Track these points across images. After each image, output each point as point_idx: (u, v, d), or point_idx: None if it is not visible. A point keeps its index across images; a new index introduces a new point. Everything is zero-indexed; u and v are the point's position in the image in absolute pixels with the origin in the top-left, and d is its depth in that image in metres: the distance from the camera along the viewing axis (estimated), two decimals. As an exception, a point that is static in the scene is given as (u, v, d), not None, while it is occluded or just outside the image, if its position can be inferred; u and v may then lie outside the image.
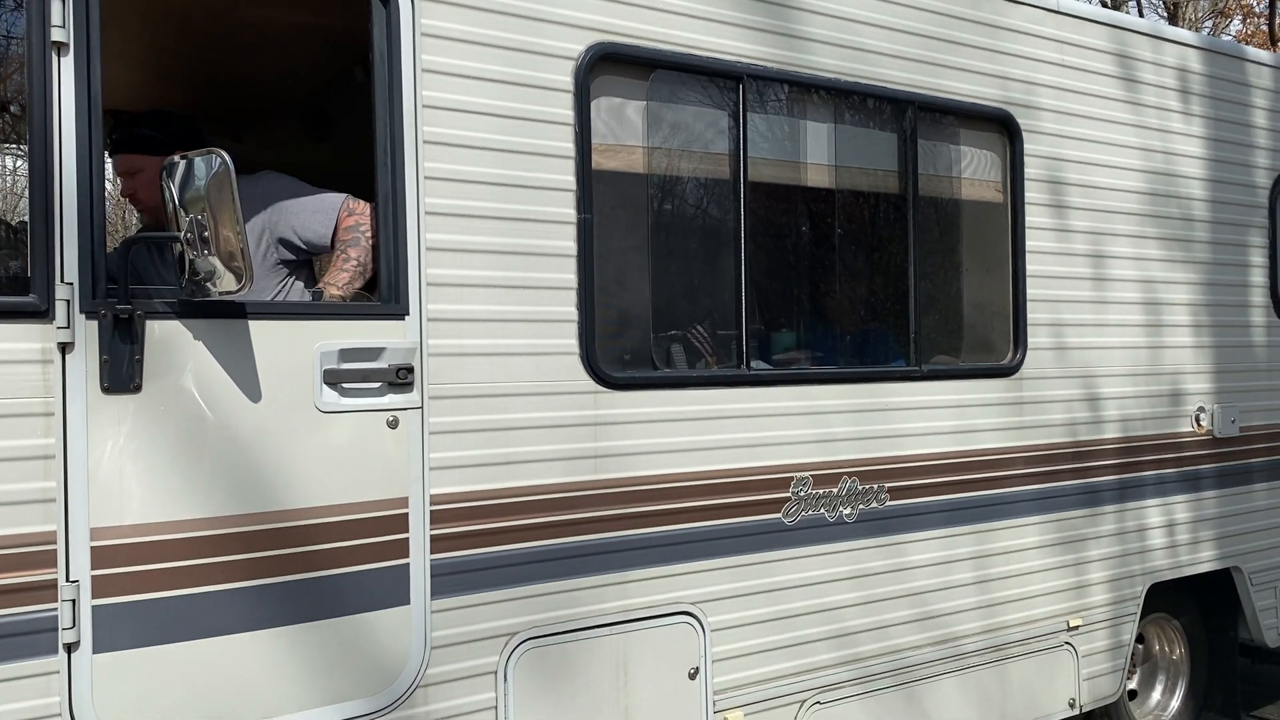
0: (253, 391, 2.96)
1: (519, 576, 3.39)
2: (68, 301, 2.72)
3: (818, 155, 4.13)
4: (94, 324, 2.76)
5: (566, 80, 3.49)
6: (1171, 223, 5.16)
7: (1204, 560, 5.30)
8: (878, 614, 4.17)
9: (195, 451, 2.89)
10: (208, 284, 2.76)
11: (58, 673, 2.72)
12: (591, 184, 3.52)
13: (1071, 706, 4.79)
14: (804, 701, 3.97)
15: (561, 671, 3.47)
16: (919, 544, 4.28)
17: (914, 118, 4.28)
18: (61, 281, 2.72)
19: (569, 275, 3.49)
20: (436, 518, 3.24)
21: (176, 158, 2.77)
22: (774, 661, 3.90)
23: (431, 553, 3.23)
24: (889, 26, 4.21)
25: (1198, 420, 5.26)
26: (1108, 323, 4.90)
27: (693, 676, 3.72)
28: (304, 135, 4.92)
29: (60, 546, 2.72)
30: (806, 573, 3.98)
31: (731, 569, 3.81)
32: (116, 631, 2.78)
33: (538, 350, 3.44)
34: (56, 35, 2.71)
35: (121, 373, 2.78)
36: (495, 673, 3.35)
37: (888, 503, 4.18)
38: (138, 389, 2.81)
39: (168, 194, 2.79)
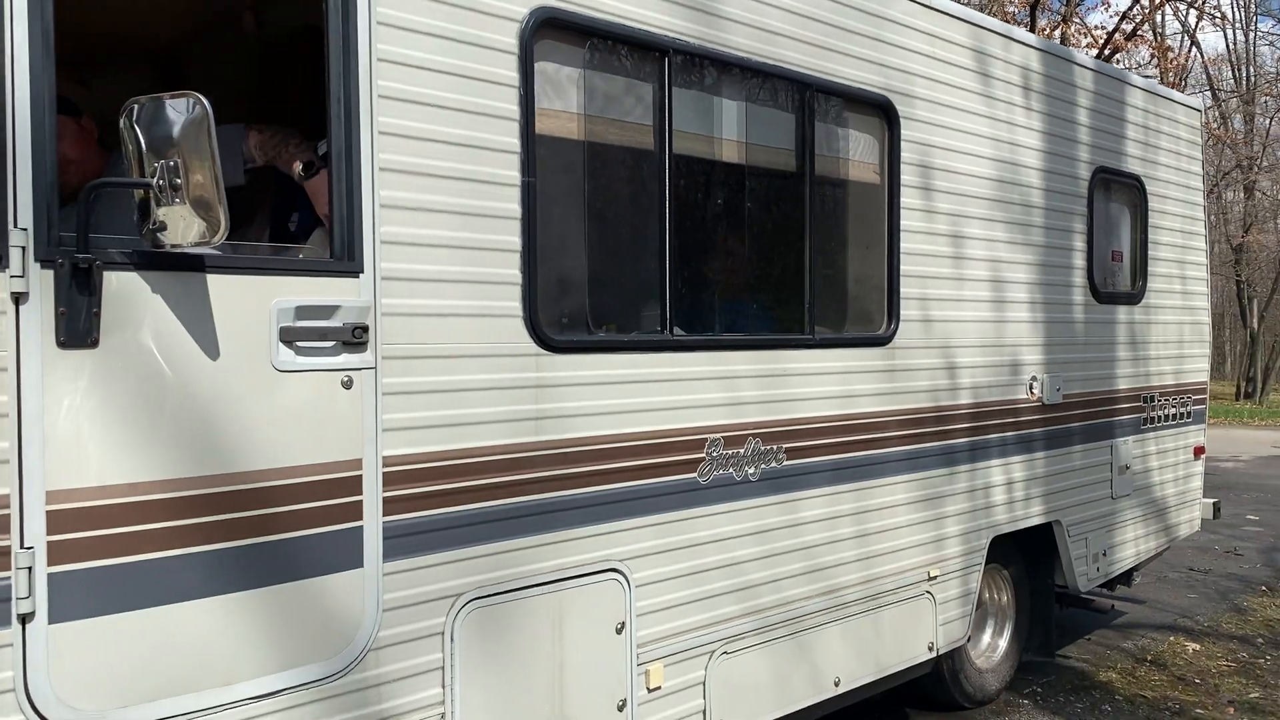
0: (211, 348, 2.84)
1: (465, 538, 3.40)
2: (23, 249, 2.52)
3: (730, 132, 4.29)
4: (49, 273, 2.58)
5: (511, 42, 3.49)
6: (1013, 209, 5.64)
7: (1034, 515, 5.85)
8: (775, 567, 4.40)
9: (153, 411, 2.75)
10: (173, 234, 2.62)
11: (11, 645, 2.54)
12: (535, 147, 3.54)
13: (930, 650, 5.21)
14: (713, 652, 4.16)
15: (503, 631, 3.51)
16: (810, 501, 4.54)
17: (811, 100, 4.50)
18: (15, 227, 2.53)
19: (514, 238, 3.50)
20: (389, 480, 3.20)
21: (143, 99, 2.61)
22: (689, 615, 4.07)
23: (384, 515, 3.19)
24: (793, 10, 4.41)
25: (1030, 388, 5.79)
26: (963, 298, 5.32)
27: (619, 631, 3.83)
28: (157, 85, 4.64)
29: (14, 511, 2.54)
30: (717, 529, 4.16)
31: (654, 527, 3.94)
32: (73, 600, 2.61)
33: (484, 312, 3.44)
34: None
35: (79, 326, 2.61)
36: (442, 634, 3.35)
37: (785, 462, 4.42)
38: (95, 344, 2.64)
39: (128, 136, 2.63)
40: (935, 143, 5.12)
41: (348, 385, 3.11)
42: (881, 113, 4.87)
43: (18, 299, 2.53)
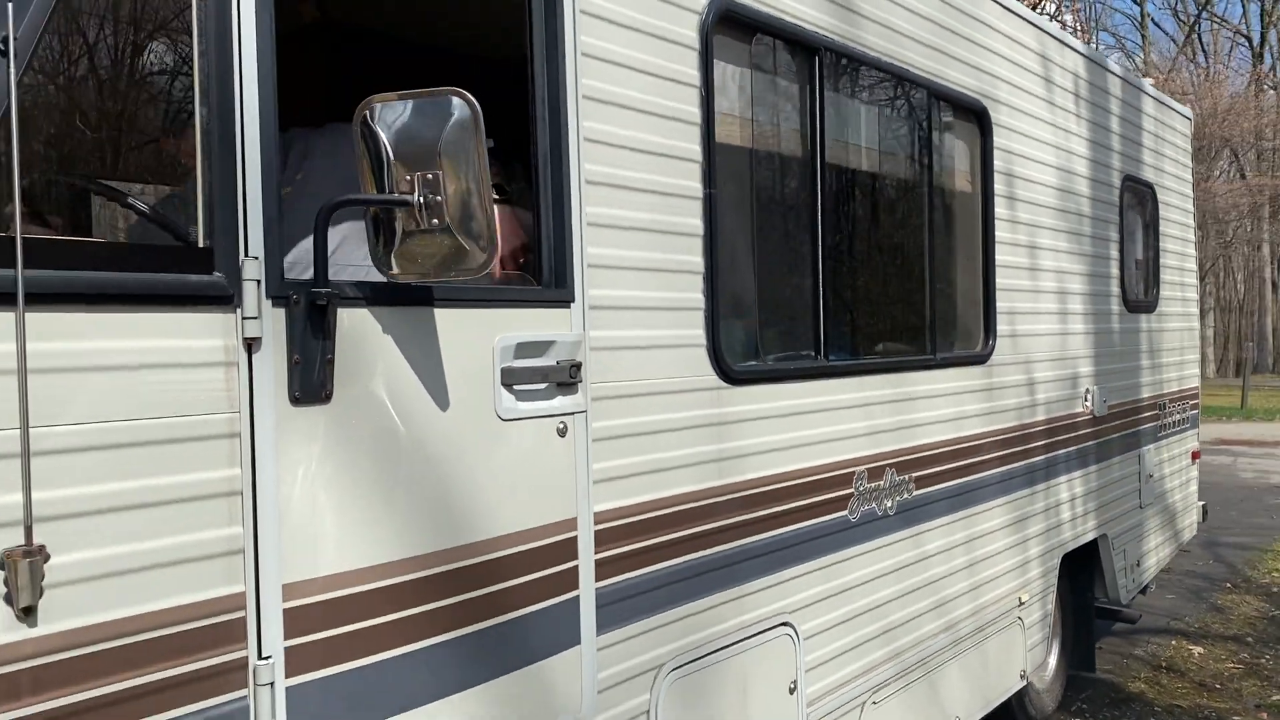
0: (441, 397, 2.36)
1: (664, 600, 2.98)
2: (258, 282, 2.00)
3: (869, 139, 4.00)
4: (281, 313, 2.06)
5: (693, 36, 3.10)
6: (1069, 218, 5.52)
7: (1090, 530, 5.75)
8: (909, 606, 4.11)
9: (387, 476, 2.25)
10: (426, 261, 2.14)
11: (248, 783, 2.01)
12: (714, 155, 3.15)
13: (1022, 678, 5.02)
14: (864, 703, 3.84)
15: (698, 702, 3.10)
16: (933, 533, 4.27)
17: (929, 105, 4.24)
18: (247, 255, 2.00)
19: (697, 258, 3.11)
20: (599, 539, 2.76)
21: (390, 97, 2.12)
22: (845, 666, 3.73)
23: (596, 580, 2.75)
24: (912, 9, 4.13)
25: (1085, 401, 5.68)
26: (1039, 311, 5.16)
27: (791, 691, 3.46)
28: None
29: (250, 614, 2.01)
30: (865, 570, 3.84)
31: (816, 573, 3.59)
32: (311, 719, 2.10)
33: (675, 342, 3.03)
34: None
35: (313, 378, 2.10)
36: (648, 712, 2.92)
37: (914, 493, 4.14)
38: (328, 398, 2.14)
39: (366, 144, 2.13)
40: (1016, 150, 4.93)
41: (562, 433, 2.66)
42: (976, 119, 4.65)
43: (250, 346, 2.01)
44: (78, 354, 1.77)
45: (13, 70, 1.65)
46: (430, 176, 2.10)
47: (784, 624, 3.43)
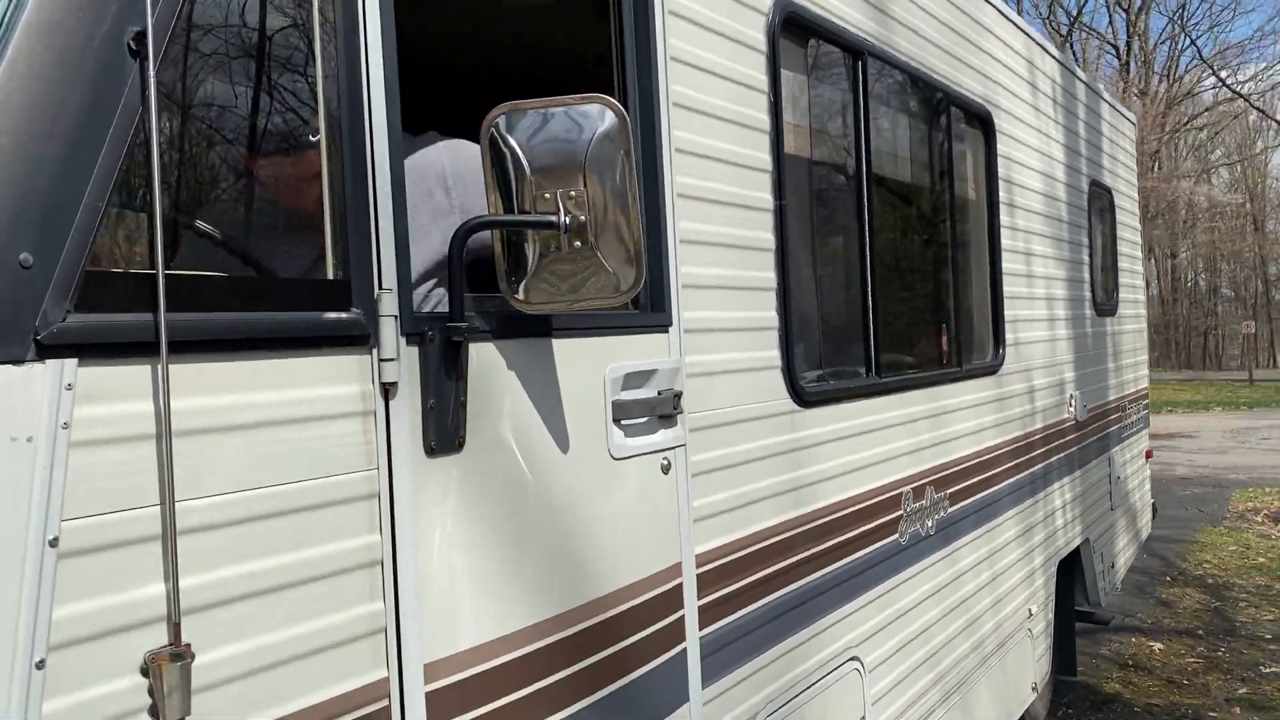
0: (561, 438, 2.11)
1: (754, 645, 2.77)
2: (395, 319, 1.73)
3: (902, 149, 3.86)
4: (413, 351, 1.79)
5: (761, 39, 2.90)
6: (1053, 223, 5.51)
7: (1076, 536, 5.74)
8: (948, 627, 3.99)
9: (517, 532, 1.99)
10: (566, 287, 1.90)
11: None
12: (783, 165, 2.96)
13: (1034, 690, 4.95)
14: (915, 732, 3.69)
15: (786, 750, 2.90)
16: (964, 549, 4.16)
17: (948, 111, 4.13)
18: (381, 288, 1.73)
19: (770, 274, 2.91)
20: (701, 583, 2.54)
21: (524, 105, 1.86)
22: (901, 695, 3.58)
23: (699, 628, 2.53)
24: (932, 13, 4.02)
25: (1069, 407, 5.68)
26: (1035, 318, 5.12)
27: (861, 728, 3.29)
28: None
29: (394, 702, 1.73)
30: (914, 594, 3.70)
31: (874, 602, 3.42)
32: (454, 818, 1.83)
33: (756, 364, 2.83)
34: None
35: (447, 424, 1.83)
36: (747, 767, 2.71)
37: (948, 510, 4.02)
38: (461, 446, 1.87)
39: (494, 156, 1.88)
40: (1014, 156, 4.88)
41: (666, 470, 2.43)
42: (982, 125, 4.57)
43: (387, 391, 1.73)
44: (215, 411, 1.48)
45: (152, 72, 1.35)
46: (574, 194, 1.86)
47: (853, 658, 3.25)
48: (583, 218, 1.86)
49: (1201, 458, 16.82)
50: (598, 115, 1.85)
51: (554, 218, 1.84)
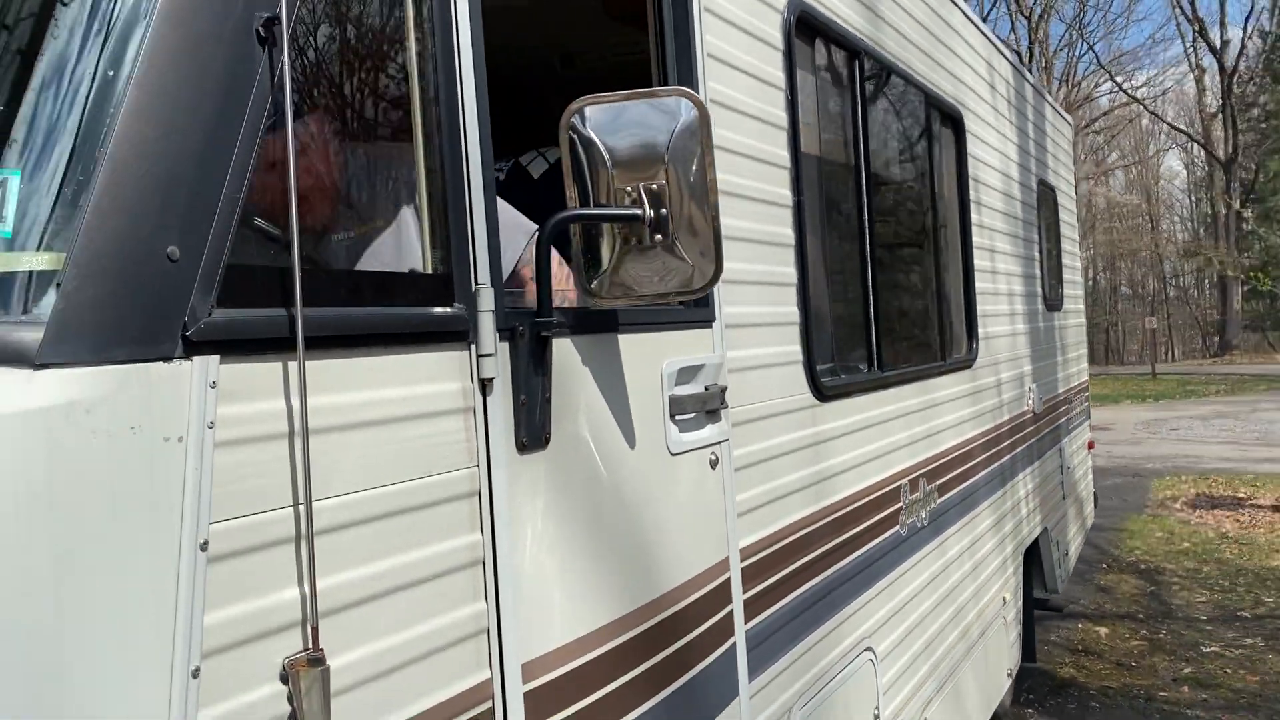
0: (629, 434, 2.09)
1: (788, 638, 2.78)
2: (492, 314, 1.70)
3: (892, 148, 3.91)
4: (505, 347, 1.76)
5: (778, 36, 2.93)
6: (1011, 221, 5.65)
7: (1038, 524, 5.89)
8: (941, 616, 4.06)
9: (596, 527, 1.98)
10: (648, 281, 1.89)
11: None
12: (801, 161, 2.99)
13: (1009, 676, 5.06)
14: (915, 718, 3.75)
15: (817, 742, 2.92)
16: (951, 539, 4.24)
17: (929, 113, 4.22)
18: (477, 283, 1.70)
19: (790, 269, 2.94)
20: (745, 576, 2.55)
21: (608, 99, 1.85)
22: (905, 685, 3.63)
23: (745, 622, 2.53)
24: (913, 14, 4.10)
25: (1028, 399, 5.83)
26: (999, 313, 5.24)
27: (876, 718, 3.33)
28: None
29: (498, 704, 1.70)
30: (913, 584, 3.76)
31: (882, 593, 3.47)
32: (549, 819, 1.80)
33: (783, 359, 2.85)
34: None
35: (535, 420, 1.81)
36: (786, 760, 2.72)
37: (937, 501, 4.09)
38: (547, 442, 1.85)
39: (574, 149, 1.86)
40: (979, 156, 5.00)
41: (714, 465, 2.43)
42: (953, 125, 4.67)
43: (485, 387, 1.70)
44: (341, 409, 1.44)
45: (286, 60, 1.31)
46: (654, 187, 1.85)
47: (868, 649, 3.29)
48: (663, 211, 1.85)
49: (1118, 449, 17.38)
50: (679, 108, 1.85)
51: (639, 211, 1.83)
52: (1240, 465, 15.11)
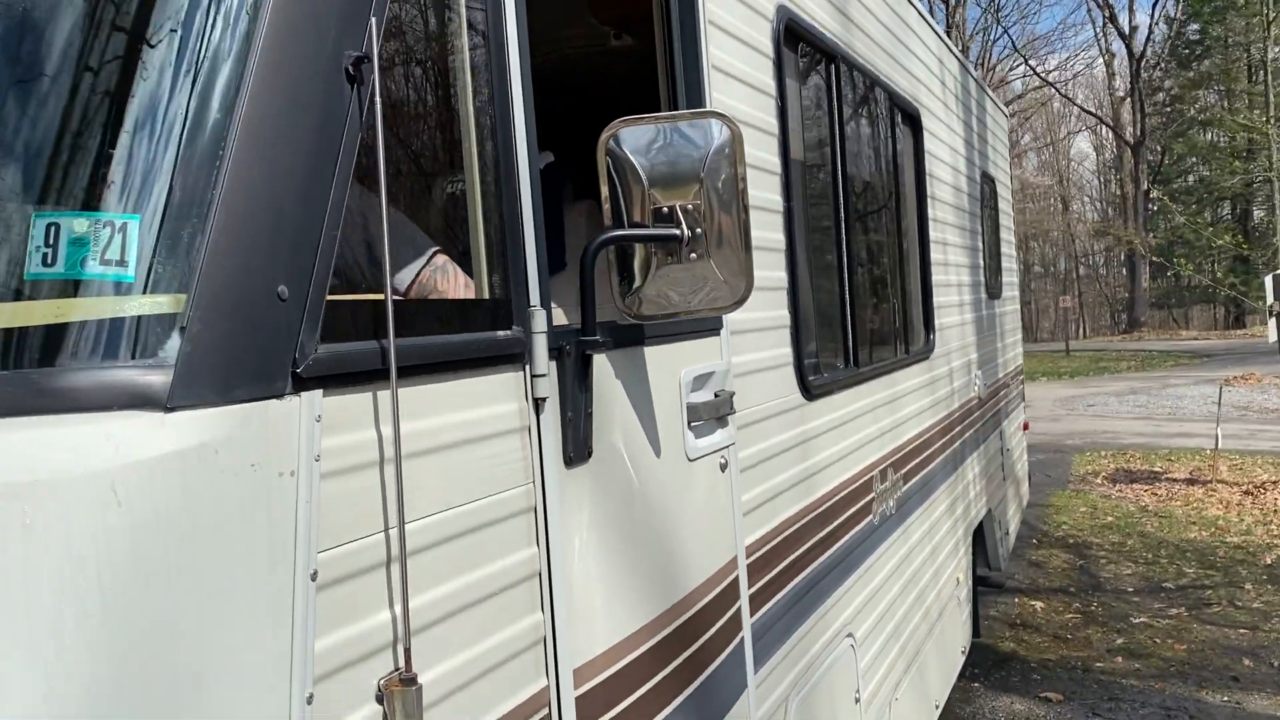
0: (655, 442, 2.16)
1: (784, 630, 2.89)
2: (545, 335, 1.75)
3: (865, 147, 4.02)
4: (553, 366, 1.82)
5: (768, 43, 3.00)
6: (959, 213, 5.82)
7: (984, 505, 6.10)
8: (906, 601, 4.21)
9: (629, 535, 2.04)
10: (682, 298, 1.96)
11: None
12: (790, 166, 3.08)
13: (963, 654, 5.26)
14: (890, 702, 3.89)
15: (809, 728, 3.03)
16: (913, 526, 4.39)
17: (893, 113, 4.33)
18: (531, 305, 1.75)
19: (781, 273, 3.03)
20: (749, 572, 2.64)
21: (645, 120, 1.91)
22: (879, 669, 3.77)
23: (750, 616, 2.63)
24: (877, 16, 4.21)
25: (974, 385, 6.03)
26: (950, 304, 5.41)
27: (856, 700, 3.46)
28: None
29: (553, 709, 1.77)
30: (884, 571, 3.90)
31: (859, 581, 3.60)
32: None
33: (776, 362, 2.94)
34: None
35: (580, 435, 1.87)
36: (785, 748, 2.83)
37: (901, 489, 4.23)
38: (589, 456, 1.91)
39: (610, 168, 1.91)
40: (935, 153, 5.14)
41: (724, 468, 2.51)
42: (912, 123, 4.80)
43: (538, 406, 1.76)
44: (421, 434, 1.48)
45: (378, 98, 1.35)
46: (689, 206, 1.92)
47: (849, 635, 3.42)
48: (699, 230, 1.92)
49: (1039, 425, 17.91)
50: (713, 129, 1.92)
51: (677, 231, 1.89)
52: (1155, 440, 15.72)
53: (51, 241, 1.14)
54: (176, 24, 1.27)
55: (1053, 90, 46.95)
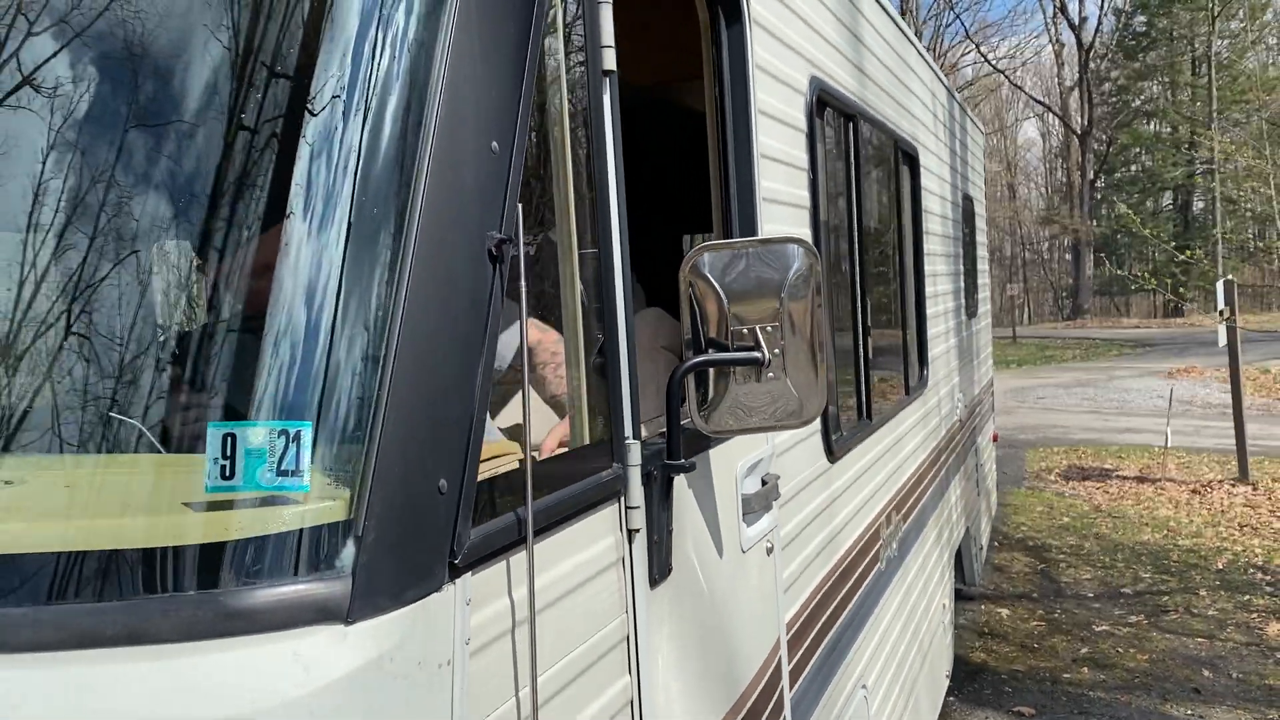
0: (717, 541, 2.21)
1: (815, 695, 2.96)
2: (639, 467, 1.79)
3: (877, 197, 4.07)
4: (641, 492, 1.85)
5: (801, 118, 3.04)
6: (946, 241, 5.92)
7: (964, 525, 6.25)
8: (905, 639, 4.31)
9: (702, 644, 2.09)
10: (758, 415, 2.00)
11: None
12: (821, 234, 3.12)
13: (948, 678, 5.39)
14: (892, 742, 4.00)
15: (832, 785, 3.11)
16: (910, 562, 4.49)
17: (897, 157, 4.39)
18: (629, 438, 1.78)
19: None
20: (789, 649, 2.70)
21: (724, 247, 1.94)
22: (884, 707, 3.87)
23: (789, 691, 2.69)
24: (886, 64, 4.26)
25: (956, 407, 6.15)
26: (939, 333, 5.51)
27: (868, 751, 3.55)
28: None
29: (642, 832, 1.81)
30: (889, 614, 3.99)
31: (868, 629, 3.68)
32: None
33: (808, 432, 2.99)
34: (608, 62, 1.75)
35: (663, 555, 1.91)
36: (815, 812, 2.90)
37: (902, 528, 4.33)
38: (669, 572, 1.95)
39: (692, 296, 1.95)
40: (929, 187, 5.22)
41: (770, 552, 2.57)
42: (911, 163, 4.87)
43: (631, 537, 1.79)
44: (545, 589, 1.51)
45: (524, 281, 1.37)
46: (769, 328, 1.96)
47: (863, 686, 3.50)
48: (778, 351, 1.96)
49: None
50: (792, 254, 1.96)
51: (758, 355, 1.94)
52: (1104, 435, 16.09)
53: (229, 454, 1.16)
54: (332, 218, 1.28)
55: (1002, 77, 47.51)
